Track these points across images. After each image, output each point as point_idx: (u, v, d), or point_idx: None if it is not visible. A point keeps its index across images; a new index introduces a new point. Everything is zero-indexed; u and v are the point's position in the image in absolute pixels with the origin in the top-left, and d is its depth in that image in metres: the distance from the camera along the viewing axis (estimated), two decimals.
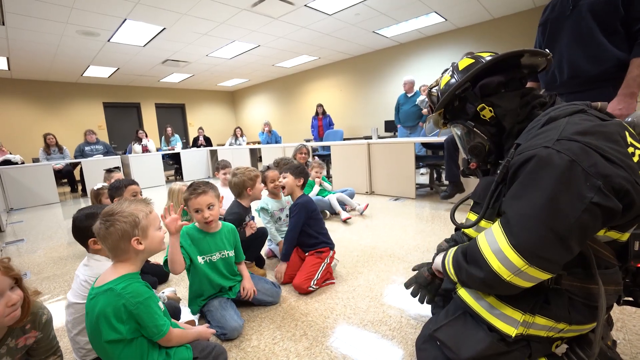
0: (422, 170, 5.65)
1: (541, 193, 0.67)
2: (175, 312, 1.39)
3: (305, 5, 4.39)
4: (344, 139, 5.78)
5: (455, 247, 0.92)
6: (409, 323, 1.33)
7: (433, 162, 3.97)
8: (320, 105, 6.90)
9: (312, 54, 7.03)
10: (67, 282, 1.99)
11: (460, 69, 0.96)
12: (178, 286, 1.83)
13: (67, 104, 7.85)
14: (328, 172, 5.14)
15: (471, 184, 2.91)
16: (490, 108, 0.90)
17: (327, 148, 5.37)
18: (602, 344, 0.81)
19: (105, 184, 2.55)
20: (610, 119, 0.76)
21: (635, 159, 0.69)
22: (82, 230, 1.22)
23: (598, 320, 0.71)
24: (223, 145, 7.91)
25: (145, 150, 6.30)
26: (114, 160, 5.73)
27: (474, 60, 0.94)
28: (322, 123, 6.89)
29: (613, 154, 0.65)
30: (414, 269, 1.21)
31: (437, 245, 1.17)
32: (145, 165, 6.14)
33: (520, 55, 0.89)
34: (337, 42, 6.30)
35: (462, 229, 0.99)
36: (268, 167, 2.08)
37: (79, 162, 5.55)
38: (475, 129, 0.94)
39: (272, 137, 6.79)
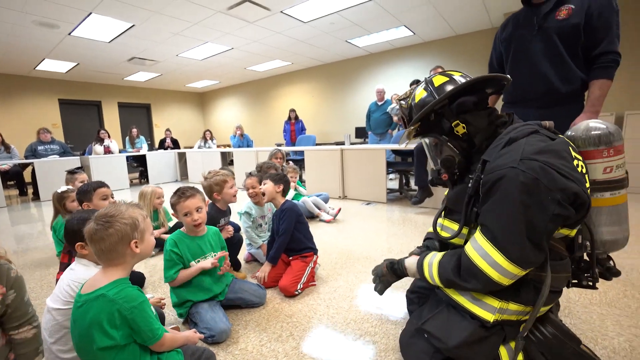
0: (391, 175, 5.89)
1: (515, 210, 0.79)
2: (159, 318, 1.37)
3: (281, 12, 4.44)
4: (316, 144, 5.88)
5: (437, 258, 1.01)
6: (389, 320, 1.42)
7: (402, 168, 4.17)
8: (292, 110, 6.97)
9: (286, 59, 7.09)
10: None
11: (435, 85, 1.04)
12: (155, 292, 1.80)
13: (16, 98, 7.20)
14: (301, 176, 5.20)
15: (439, 189, 3.11)
16: (463, 125, 1.00)
17: (300, 153, 5.43)
18: (558, 321, 0.96)
19: (70, 187, 2.42)
20: (556, 137, 0.90)
21: (579, 169, 0.83)
22: (72, 233, 1.20)
23: (540, 297, 0.86)
24: (191, 147, 7.69)
25: (107, 151, 5.96)
26: (72, 162, 5.36)
27: (448, 78, 1.03)
28: (294, 128, 6.95)
29: (564, 169, 0.79)
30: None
31: (410, 252, 1.27)
32: (107, 167, 5.80)
33: (490, 79, 1.02)
34: (311, 49, 6.41)
35: (437, 232, 1.11)
36: (250, 174, 2.10)
37: (31, 163, 5.13)
38: (449, 143, 1.04)
39: (244, 140, 6.73)
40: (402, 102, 1.19)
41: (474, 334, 0.93)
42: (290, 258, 1.83)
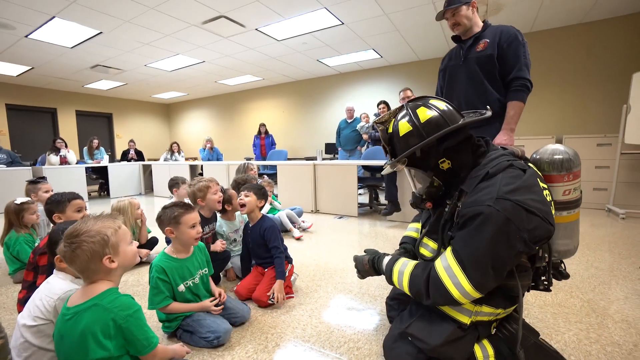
0: (361, 190, 6.08)
1: (486, 243, 0.90)
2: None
3: (256, 29, 4.55)
4: (287, 159, 5.94)
5: (409, 268, 1.10)
6: (371, 326, 1.50)
7: (372, 183, 4.35)
8: (263, 125, 7.00)
9: (257, 74, 7.17)
10: None
11: (421, 120, 1.02)
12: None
13: None
14: (273, 191, 5.21)
15: (406, 203, 3.30)
16: (449, 162, 1.06)
17: (271, 167, 5.45)
18: (521, 318, 1.09)
19: (29, 199, 2.26)
20: (527, 167, 0.98)
21: (548, 198, 0.95)
22: (55, 244, 1.15)
23: (519, 302, 1.00)
24: (157, 160, 7.40)
25: (63, 162, 5.56)
26: (22, 172, 4.94)
27: (434, 113, 1.02)
28: (264, 142, 6.96)
29: (533, 205, 0.88)
30: (365, 251, 1.39)
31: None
32: (63, 179, 5.39)
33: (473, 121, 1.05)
34: (283, 66, 6.56)
35: (419, 252, 1.21)
36: (226, 190, 2.09)
37: None
38: (434, 177, 1.09)
39: (213, 154, 6.61)
40: (381, 125, 1.14)
41: (452, 334, 1.03)
42: (266, 270, 1.84)
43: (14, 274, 2.15)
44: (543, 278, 1.11)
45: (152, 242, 2.56)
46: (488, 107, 1.17)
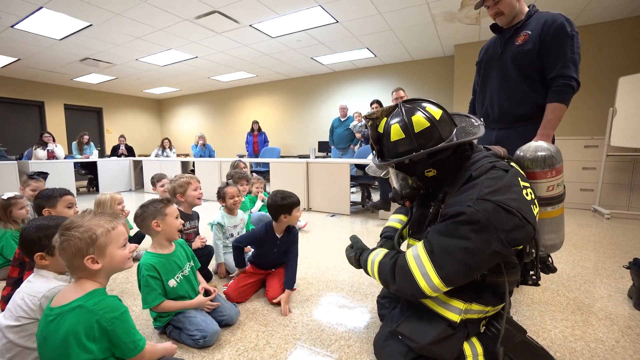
0: (353, 189, 6.10)
1: (464, 240, 0.90)
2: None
3: (250, 26, 4.51)
4: (280, 157, 5.92)
5: (380, 256, 1.13)
6: (361, 325, 1.50)
7: (364, 182, 4.37)
8: (255, 122, 6.97)
9: (251, 71, 7.11)
10: None
11: (416, 130, 0.99)
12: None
13: None
14: (265, 188, 5.18)
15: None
16: (434, 171, 1.07)
17: (264, 165, 5.43)
18: (509, 316, 1.11)
19: (17, 194, 2.21)
20: (510, 167, 1.00)
21: (528, 197, 0.96)
22: (30, 243, 1.11)
23: (505, 299, 1.02)
24: (148, 156, 7.29)
25: (51, 156, 5.44)
26: (7, 167, 4.82)
27: (429, 124, 0.99)
28: (257, 139, 6.94)
29: (513, 205, 0.89)
30: (350, 239, 1.45)
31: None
32: (51, 174, 5.22)
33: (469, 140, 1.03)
34: (277, 63, 6.52)
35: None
36: (227, 184, 2.09)
37: None
38: (418, 181, 1.11)
39: (205, 150, 6.55)
40: (372, 122, 1.11)
41: (442, 333, 1.04)
42: (273, 270, 1.85)
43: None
44: (532, 273, 1.13)
45: (139, 237, 2.52)
46: (481, 119, 1.18)
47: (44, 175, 2.53)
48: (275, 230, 1.73)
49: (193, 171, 5.88)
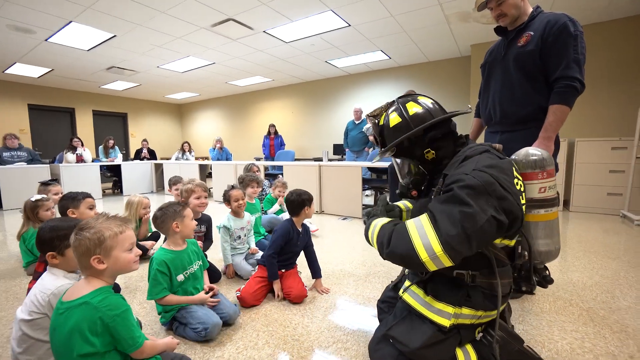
0: (367, 192, 6.07)
1: (462, 205, 0.90)
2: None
3: (264, 32, 4.61)
4: (294, 160, 5.99)
5: (385, 221, 1.10)
6: (361, 328, 1.51)
7: (377, 185, 4.35)
8: (272, 125, 7.08)
9: (267, 75, 7.24)
10: None
11: (410, 113, 1.13)
12: (131, 303, 1.79)
13: None
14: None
15: None
16: (433, 152, 1.15)
17: (279, 167, 5.51)
18: (504, 323, 1.08)
19: (44, 196, 2.37)
20: (504, 157, 1.06)
21: (518, 187, 0.98)
22: (44, 242, 1.21)
23: (497, 302, 1.00)
24: (169, 159, 7.57)
25: (79, 160, 5.77)
26: (41, 170, 5.15)
27: (421, 107, 1.13)
28: (273, 143, 7.04)
29: (505, 184, 0.93)
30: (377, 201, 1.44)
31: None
32: (79, 176, 5.61)
33: (456, 114, 1.15)
34: (291, 67, 6.61)
35: None
36: (232, 187, 2.16)
37: None
38: (420, 166, 1.19)
39: (223, 153, 6.72)
40: (373, 118, 1.24)
41: (432, 338, 1.03)
42: (283, 270, 1.89)
43: (27, 266, 2.26)
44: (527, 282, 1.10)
45: (156, 236, 2.69)
46: (470, 105, 1.22)
47: (54, 181, 2.75)
48: (297, 225, 1.90)
49: (210, 174, 6.05)
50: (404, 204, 1.44)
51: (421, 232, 0.93)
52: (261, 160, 6.70)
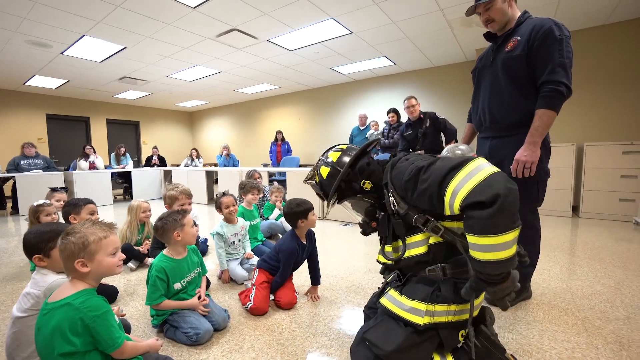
0: None
1: (410, 165, 1.08)
2: (126, 328, 1.44)
3: (268, 40, 4.70)
4: (300, 165, 6.03)
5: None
6: (346, 334, 1.51)
7: None
8: (279, 132, 7.16)
9: (273, 83, 7.35)
10: None
11: (334, 160, 1.27)
12: (127, 306, 1.84)
13: (2, 112, 7.21)
14: (284, 197, 5.30)
15: None
16: (369, 182, 1.24)
17: (284, 173, 5.56)
18: (486, 330, 1.06)
19: (47, 202, 2.46)
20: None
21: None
22: (30, 247, 1.27)
23: (469, 296, 0.98)
24: (178, 165, 7.75)
25: (92, 167, 5.97)
26: (55, 177, 5.35)
27: (340, 152, 1.28)
28: (280, 149, 7.12)
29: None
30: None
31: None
32: (91, 183, 5.80)
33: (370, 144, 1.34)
34: (297, 75, 6.70)
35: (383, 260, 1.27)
36: (223, 194, 2.20)
37: (11, 177, 5.11)
38: (365, 198, 1.26)
39: (229, 160, 6.83)
40: (311, 181, 1.35)
41: (407, 340, 1.03)
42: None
43: (33, 269, 2.34)
44: None
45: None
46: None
47: (64, 189, 2.84)
48: (300, 238, 1.86)
49: (217, 180, 6.16)
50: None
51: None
52: (268, 166, 6.77)
